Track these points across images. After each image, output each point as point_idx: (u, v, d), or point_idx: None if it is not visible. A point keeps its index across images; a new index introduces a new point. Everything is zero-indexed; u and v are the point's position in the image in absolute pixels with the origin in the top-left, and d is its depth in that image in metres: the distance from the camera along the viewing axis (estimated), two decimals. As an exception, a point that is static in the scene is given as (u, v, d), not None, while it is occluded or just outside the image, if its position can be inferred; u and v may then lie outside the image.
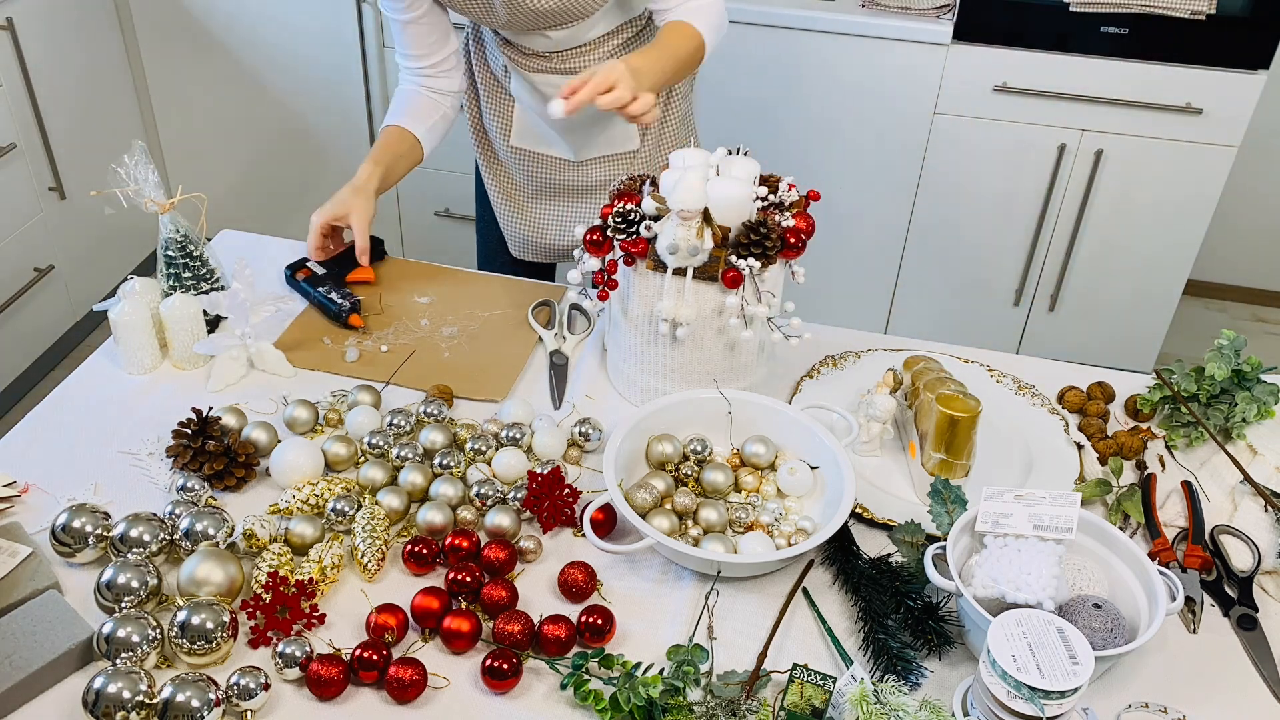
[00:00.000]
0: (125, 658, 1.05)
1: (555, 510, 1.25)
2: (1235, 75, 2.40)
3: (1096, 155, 2.54)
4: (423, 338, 1.56)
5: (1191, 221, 2.60)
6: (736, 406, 1.36)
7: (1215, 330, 3.26)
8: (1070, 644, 0.98)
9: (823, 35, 2.52)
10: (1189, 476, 1.37)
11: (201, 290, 1.50)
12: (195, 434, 1.29)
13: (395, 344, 1.54)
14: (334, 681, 1.06)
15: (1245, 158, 2.91)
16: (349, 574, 1.20)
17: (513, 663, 1.07)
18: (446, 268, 1.73)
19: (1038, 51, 2.45)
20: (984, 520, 1.15)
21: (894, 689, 1.04)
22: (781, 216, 1.35)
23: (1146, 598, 1.11)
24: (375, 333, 1.56)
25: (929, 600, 1.16)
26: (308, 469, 1.28)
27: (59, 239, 2.77)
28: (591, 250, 1.38)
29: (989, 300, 2.83)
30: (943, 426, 1.28)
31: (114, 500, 1.27)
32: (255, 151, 3.11)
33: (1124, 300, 2.76)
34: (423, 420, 1.38)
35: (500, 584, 1.15)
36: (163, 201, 1.46)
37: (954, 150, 2.62)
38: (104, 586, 1.11)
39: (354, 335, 1.55)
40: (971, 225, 2.72)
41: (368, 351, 1.52)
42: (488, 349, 1.55)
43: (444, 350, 1.53)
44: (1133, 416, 1.48)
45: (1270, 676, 1.13)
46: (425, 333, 1.57)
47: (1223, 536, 1.28)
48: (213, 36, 2.92)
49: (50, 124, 2.68)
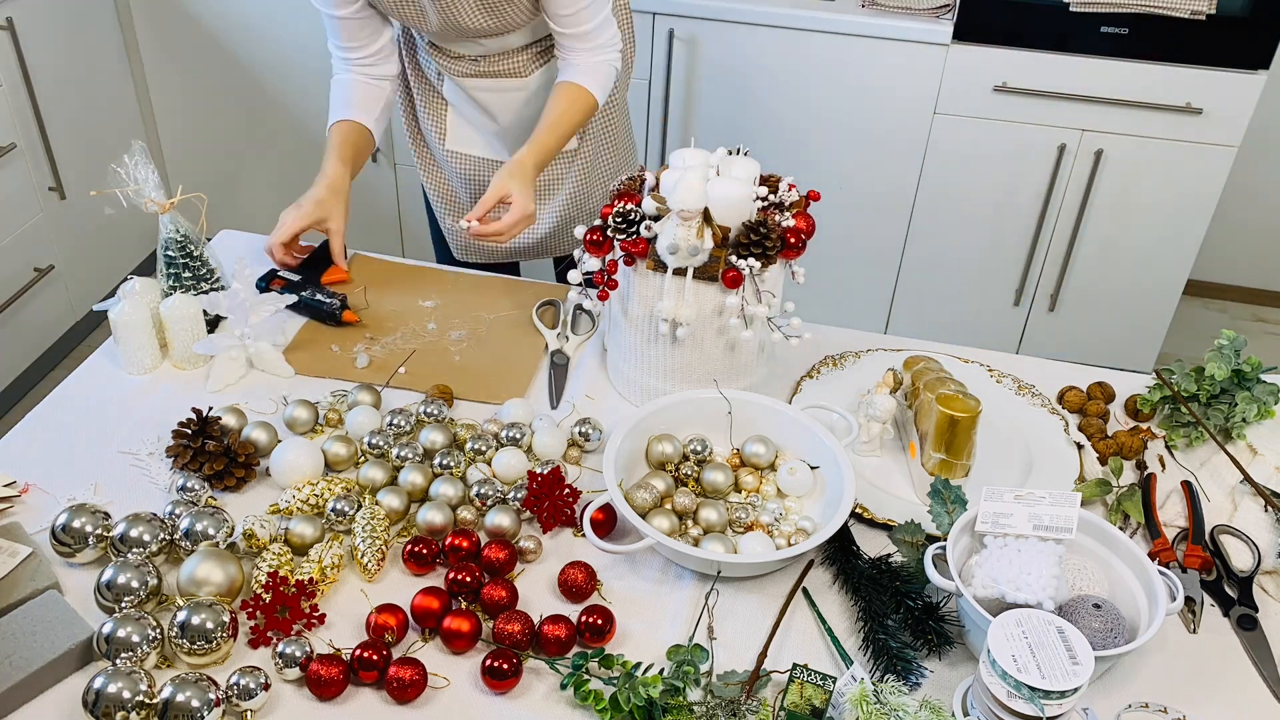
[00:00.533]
0: (125, 658, 1.05)
1: (555, 510, 1.25)
2: (1235, 75, 2.40)
3: (1096, 155, 2.54)
4: (431, 341, 1.55)
5: (1191, 221, 2.60)
6: (736, 406, 1.36)
7: (1215, 330, 3.26)
8: (1070, 644, 0.98)
9: (823, 35, 2.52)
10: (1189, 476, 1.37)
11: (201, 290, 1.50)
12: (195, 434, 1.29)
13: (403, 348, 1.54)
14: (334, 681, 1.06)
15: (1245, 158, 2.91)
16: (349, 574, 1.20)
17: (513, 663, 1.07)
18: (448, 270, 1.73)
19: (1038, 51, 2.45)
20: (984, 520, 1.15)
21: (894, 689, 1.04)
22: (781, 216, 1.35)
23: (1146, 598, 1.11)
24: (383, 338, 1.55)
25: (929, 600, 1.16)
26: (308, 469, 1.28)
27: (59, 239, 2.77)
28: (591, 250, 1.38)
29: (989, 300, 2.83)
30: (943, 426, 1.28)
31: (114, 500, 1.27)
32: (255, 151, 3.11)
33: (1124, 300, 2.76)
34: (423, 420, 1.38)
35: (500, 584, 1.15)
36: (163, 201, 1.46)
37: (954, 150, 2.62)
38: (104, 586, 1.11)
39: (362, 341, 1.54)
40: (971, 225, 2.72)
41: (377, 357, 1.51)
42: (498, 351, 1.55)
43: (454, 354, 1.53)
44: (1133, 416, 1.48)
45: (1270, 676, 1.13)
46: (433, 336, 1.56)
47: (1223, 536, 1.28)
48: (213, 37, 2.92)
49: (50, 124, 2.68)
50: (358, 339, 1.55)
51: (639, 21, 2.57)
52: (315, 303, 1.57)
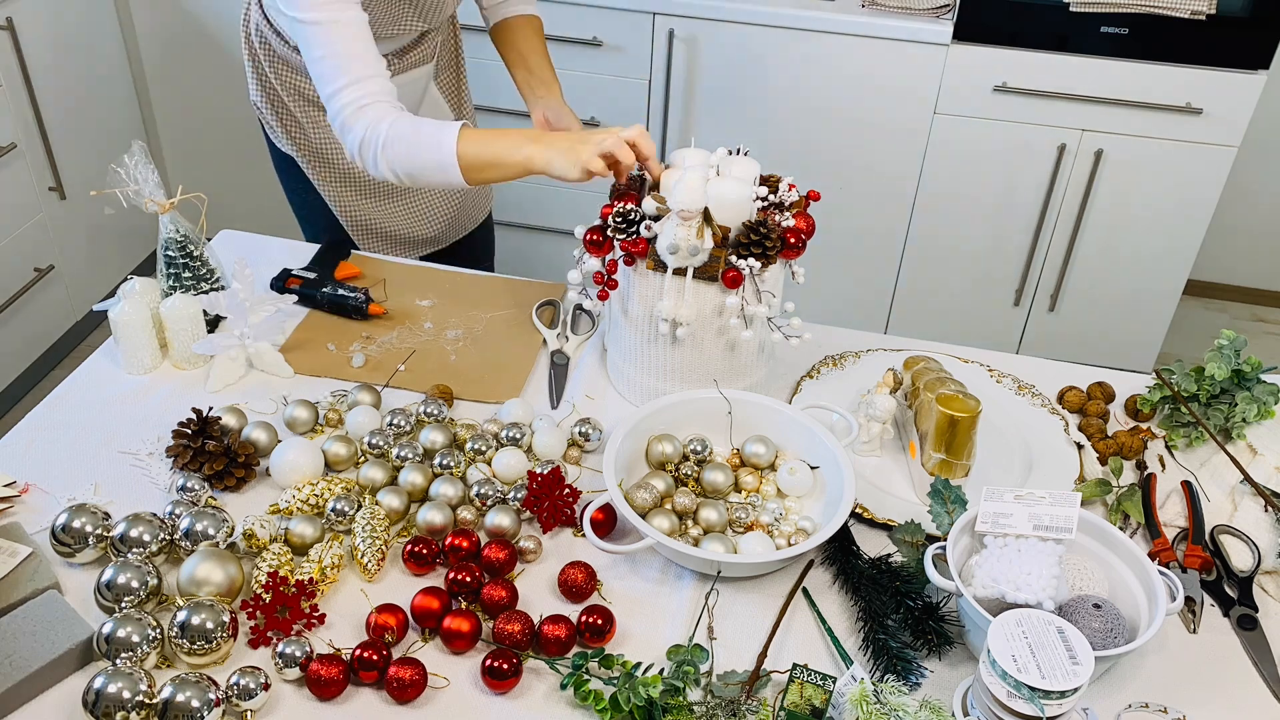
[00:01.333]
0: (125, 658, 1.05)
1: (555, 510, 1.25)
2: (1235, 75, 2.39)
3: (1096, 155, 2.54)
4: (428, 341, 1.55)
5: (1191, 221, 2.60)
6: (736, 406, 1.36)
7: (1215, 330, 3.26)
8: (1070, 644, 0.98)
9: (823, 35, 2.52)
10: (1189, 476, 1.37)
11: (201, 290, 1.50)
12: (195, 434, 1.29)
13: (400, 348, 1.54)
14: (334, 681, 1.06)
15: (1245, 158, 2.91)
16: (349, 574, 1.20)
17: (513, 663, 1.07)
18: (445, 269, 1.73)
19: (1038, 51, 2.45)
20: (984, 520, 1.15)
21: (894, 689, 1.04)
22: (782, 216, 1.35)
23: (1146, 598, 1.11)
24: (379, 338, 1.55)
25: (929, 600, 1.16)
26: (308, 469, 1.28)
27: (59, 239, 2.77)
28: (591, 250, 1.37)
29: (989, 300, 2.83)
30: (942, 426, 1.28)
31: (114, 500, 1.27)
32: (255, 151, 3.11)
33: (1124, 300, 2.76)
34: (423, 420, 1.38)
35: (500, 584, 1.15)
36: (163, 201, 1.46)
37: (954, 150, 2.62)
38: (104, 586, 1.11)
39: (359, 340, 1.54)
40: (971, 225, 2.72)
41: (374, 356, 1.51)
42: (494, 350, 1.55)
43: (450, 353, 1.53)
44: (1133, 416, 1.48)
45: (1270, 676, 1.13)
46: (430, 335, 1.57)
47: (1223, 536, 1.28)
48: (212, 36, 2.92)
49: (50, 124, 2.67)
50: (355, 338, 1.55)
51: (639, 21, 2.57)
52: (339, 298, 1.57)
